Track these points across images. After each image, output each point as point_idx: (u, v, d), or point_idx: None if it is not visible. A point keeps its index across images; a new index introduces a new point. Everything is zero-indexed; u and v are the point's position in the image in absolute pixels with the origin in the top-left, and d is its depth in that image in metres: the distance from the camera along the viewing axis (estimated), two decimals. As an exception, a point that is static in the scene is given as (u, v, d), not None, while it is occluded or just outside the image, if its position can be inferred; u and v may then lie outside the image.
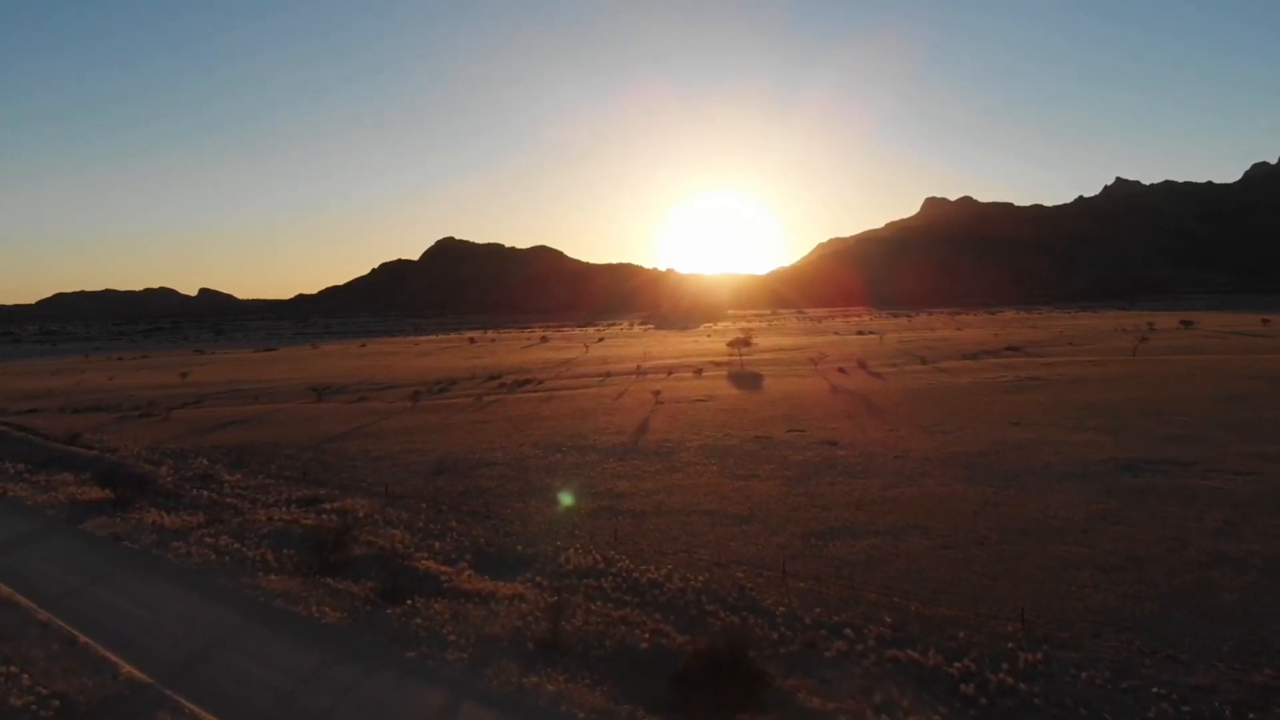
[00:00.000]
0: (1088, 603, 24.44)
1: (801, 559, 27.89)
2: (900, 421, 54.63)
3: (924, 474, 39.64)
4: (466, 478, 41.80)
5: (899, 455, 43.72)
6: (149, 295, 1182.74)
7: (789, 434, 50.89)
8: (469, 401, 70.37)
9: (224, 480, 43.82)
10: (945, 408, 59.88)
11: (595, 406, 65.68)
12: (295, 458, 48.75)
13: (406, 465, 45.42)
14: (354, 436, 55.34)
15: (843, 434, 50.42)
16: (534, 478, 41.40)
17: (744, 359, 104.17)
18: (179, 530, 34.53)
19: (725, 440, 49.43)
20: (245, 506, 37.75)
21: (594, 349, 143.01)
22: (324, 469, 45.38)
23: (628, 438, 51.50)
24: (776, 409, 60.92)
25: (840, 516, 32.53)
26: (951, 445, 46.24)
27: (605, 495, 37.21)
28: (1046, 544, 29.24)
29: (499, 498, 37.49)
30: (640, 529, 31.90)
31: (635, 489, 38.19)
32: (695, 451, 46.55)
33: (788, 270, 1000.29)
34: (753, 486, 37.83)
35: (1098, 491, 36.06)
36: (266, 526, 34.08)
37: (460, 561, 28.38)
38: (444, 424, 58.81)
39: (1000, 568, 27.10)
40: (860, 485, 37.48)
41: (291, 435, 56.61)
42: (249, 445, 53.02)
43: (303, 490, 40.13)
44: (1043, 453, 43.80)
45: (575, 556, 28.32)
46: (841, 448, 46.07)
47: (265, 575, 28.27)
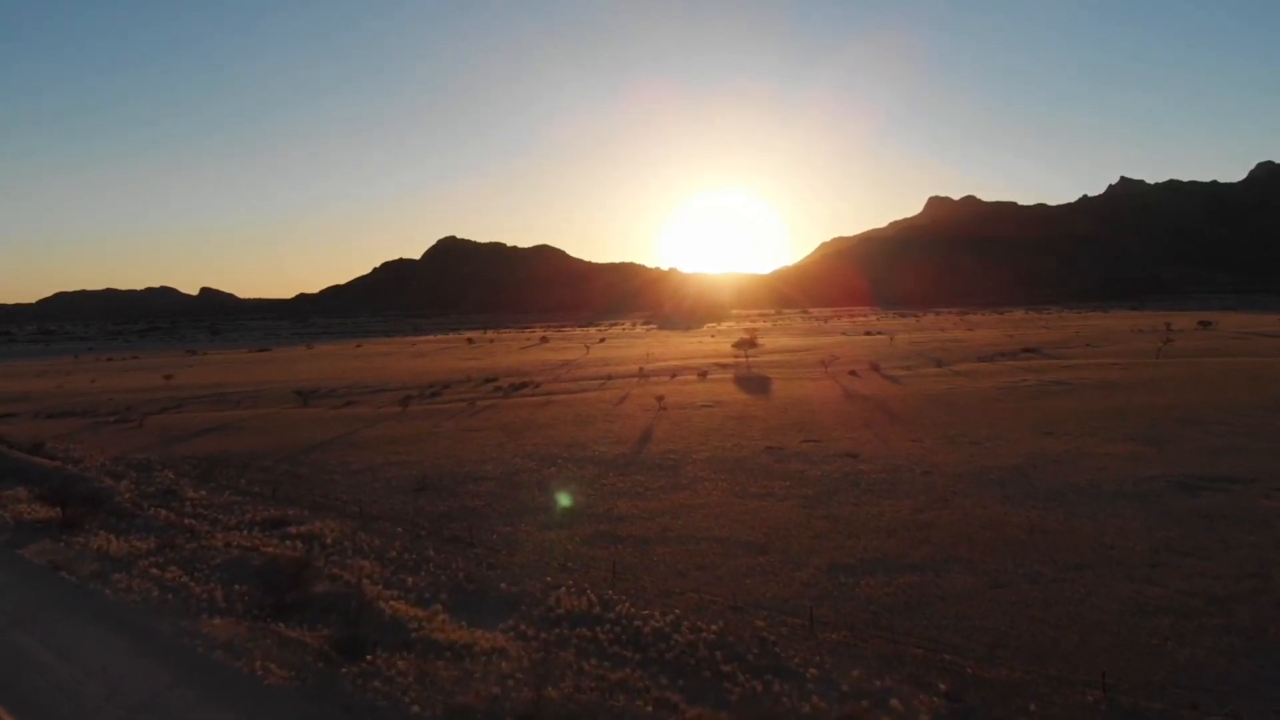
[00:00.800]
0: (1174, 660, 20.58)
1: (830, 601, 24.05)
2: (923, 430, 50.78)
3: (957, 492, 35.79)
4: (451, 495, 38.00)
5: (927, 470, 39.87)
6: (150, 295, 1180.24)
7: (804, 444, 47.04)
8: (462, 407, 66.58)
9: (187, 497, 40.05)
10: (968, 415, 56.02)
11: (595, 412, 61.88)
12: (269, 470, 44.98)
13: (387, 480, 41.62)
14: (335, 446, 51.57)
15: (862, 445, 46.55)
16: (526, 495, 37.58)
17: (750, 361, 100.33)
18: (125, 558, 30.77)
19: (735, 452, 45.60)
20: (203, 529, 33.98)
21: (595, 350, 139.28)
22: (297, 484, 41.60)
23: (629, 448, 47.69)
24: (788, 416, 57.08)
25: (870, 546, 28.69)
26: (982, 458, 42.38)
27: (604, 518, 33.39)
28: (1110, 581, 25.40)
29: (485, 520, 33.68)
30: (643, 560, 28.08)
31: (637, 510, 34.39)
32: (703, 464, 42.73)
33: (791, 270, 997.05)
34: (768, 508, 34.00)
35: (1156, 515, 32.20)
36: (222, 555, 30.30)
37: (434, 603, 24.53)
38: (432, 432, 55.03)
39: (1063, 613, 23.26)
40: (888, 507, 33.64)
41: (269, 444, 52.87)
42: (221, 456, 49.26)
43: (270, 510, 36.34)
44: (1083, 467, 39.92)
45: (567, 597, 24.46)
46: (863, 461, 42.22)
47: (210, 619, 24.46)
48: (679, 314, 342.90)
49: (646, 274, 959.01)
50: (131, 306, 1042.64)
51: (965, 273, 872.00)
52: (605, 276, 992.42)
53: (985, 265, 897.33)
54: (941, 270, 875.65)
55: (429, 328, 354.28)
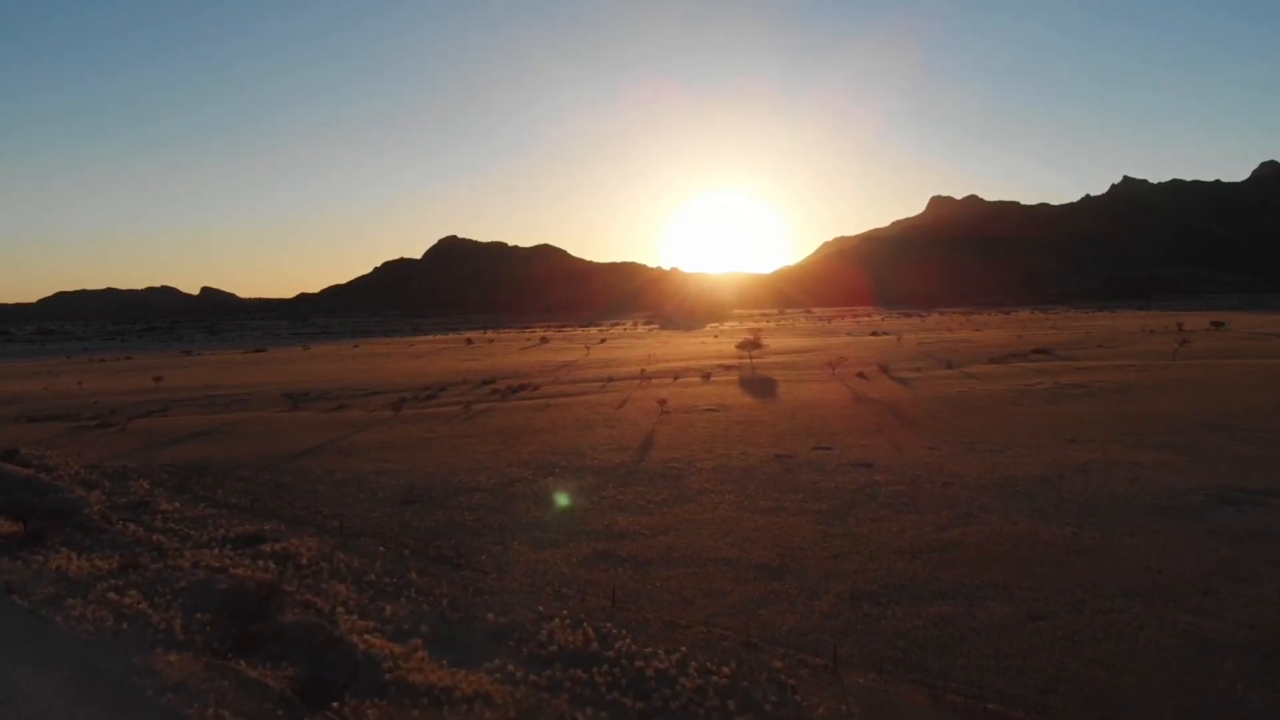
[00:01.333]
0: (1248, 709, 18.20)
1: (854, 636, 21.61)
2: (938, 436, 48.33)
3: (982, 506, 33.35)
4: (440, 508, 35.59)
5: (947, 481, 37.43)
6: (150, 294, 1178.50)
7: (815, 452, 44.59)
8: (457, 411, 64.17)
9: (160, 510, 37.65)
10: (985, 420, 53.56)
11: (595, 417, 59.47)
12: (250, 480, 42.59)
13: (374, 491, 39.22)
14: (322, 453, 49.19)
15: (876, 452, 44.11)
16: (520, 509, 35.16)
17: (754, 362, 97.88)
18: (84, 580, 28.38)
19: (742, 460, 43.15)
20: (172, 547, 31.59)
21: (595, 351, 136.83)
22: (278, 495, 39.21)
23: (630, 456, 45.27)
24: (796, 421, 54.64)
25: (893, 569, 26.26)
26: (1005, 467, 39.93)
27: (603, 534, 30.97)
28: (1164, 612, 22.97)
29: (475, 537, 31.26)
30: (645, 585, 25.65)
31: (639, 525, 31.97)
32: (708, 474, 40.31)
33: (793, 269, 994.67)
34: (780, 524, 31.57)
35: (1200, 533, 29.78)
36: (188, 577, 27.91)
37: (414, 636, 22.13)
38: (425, 438, 52.62)
39: (1115, 650, 20.84)
40: (910, 523, 31.20)
41: (253, 451, 50.48)
42: (202, 463, 46.88)
43: (246, 525, 33.95)
44: (1114, 478, 37.48)
45: (561, 631, 22.03)
46: (878, 471, 39.78)
47: (165, 654, 22.07)
48: (681, 314, 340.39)
49: (648, 274, 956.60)
50: (132, 306, 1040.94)
51: (967, 272, 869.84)
52: (606, 276, 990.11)
53: (987, 265, 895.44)
54: (944, 270, 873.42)
55: (429, 328, 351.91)
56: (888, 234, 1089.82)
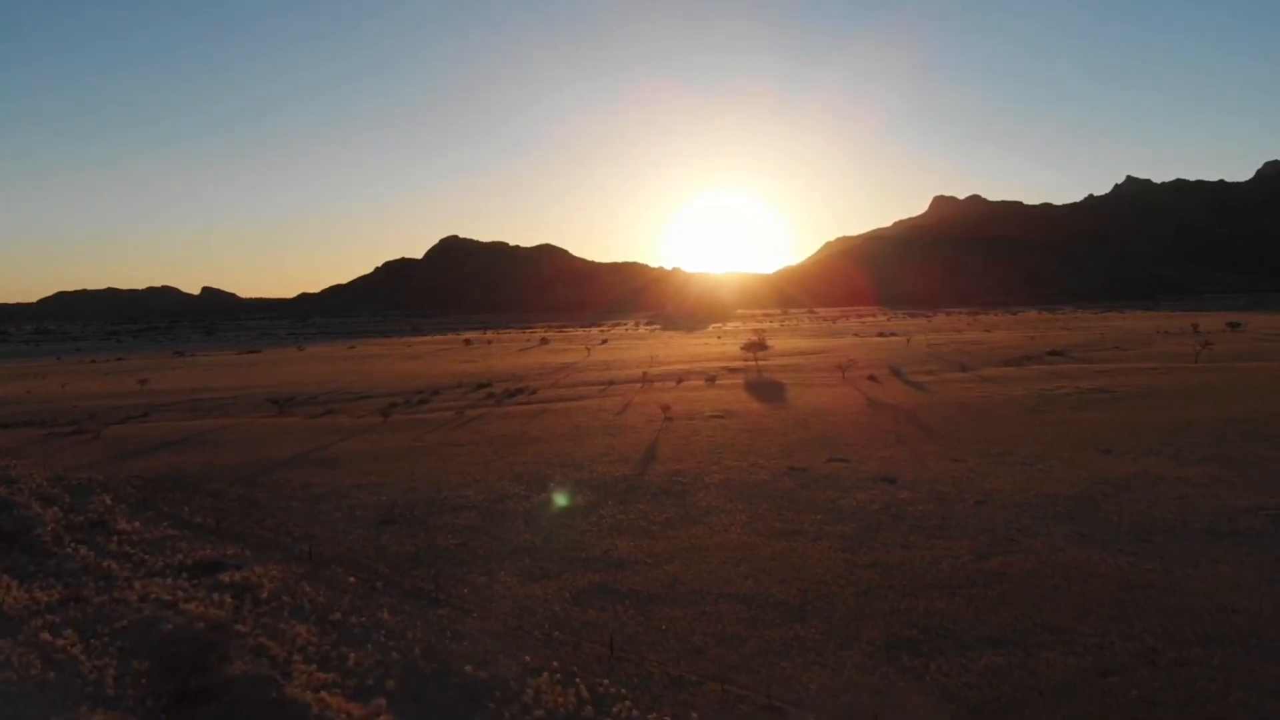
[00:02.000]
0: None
1: (896, 698, 18.29)
2: (962, 447, 45.12)
3: (1022, 530, 30.14)
4: (422, 529, 32.44)
5: (980, 499, 34.26)
6: (151, 294, 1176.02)
7: (831, 465, 41.41)
8: (449, 417, 61.05)
9: (117, 530, 34.51)
10: (1009, 428, 50.37)
11: (594, 424, 56.34)
12: (220, 495, 39.47)
13: (351, 508, 36.08)
14: (301, 463, 46.06)
15: (898, 465, 40.90)
16: (509, 531, 32.00)
17: (760, 364, 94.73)
18: (19, 615, 25.21)
19: (753, 474, 39.96)
20: (123, 575, 28.48)
21: (596, 352, 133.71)
22: (248, 513, 36.07)
23: (632, 468, 42.11)
24: (809, 429, 51.46)
25: (932, 609, 23.08)
26: (1039, 483, 36.74)
27: (601, 562, 27.81)
28: (1250, 662, 19.75)
29: (458, 565, 28.09)
30: (648, 628, 22.48)
31: (641, 552, 28.79)
32: (717, 490, 37.13)
33: (795, 269, 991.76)
34: (799, 550, 28.38)
35: (1270, 561, 26.54)
36: (132, 613, 24.78)
37: (377, 694, 18.95)
38: (412, 447, 49.49)
39: (1205, 715, 17.72)
40: (944, 550, 28.02)
41: (229, 461, 47.39)
42: (173, 475, 43.77)
43: (207, 548, 30.81)
44: (1161, 496, 34.27)
45: (550, 690, 18.79)
46: (903, 486, 36.61)
47: (91, 712, 19.00)
48: (683, 314, 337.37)
49: (650, 274, 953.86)
50: (132, 306, 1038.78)
51: (970, 272, 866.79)
52: (608, 276, 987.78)
53: (990, 265, 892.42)
54: (946, 270, 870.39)
55: (428, 328, 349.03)
56: (890, 234, 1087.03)
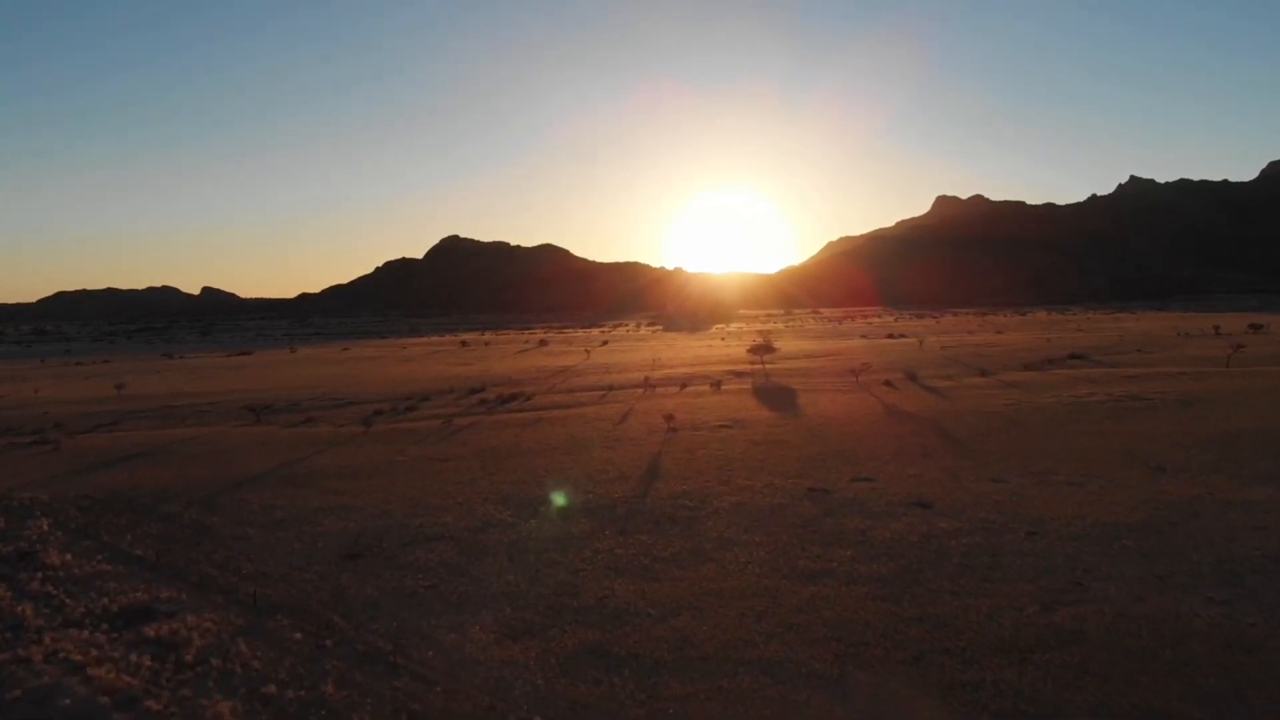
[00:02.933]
0: None
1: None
2: (998, 463, 40.80)
3: (1088, 570, 25.75)
4: (389, 566, 28.17)
5: (1031, 529, 29.94)
6: (151, 294, 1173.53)
7: (856, 485, 37.11)
8: (436, 426, 56.81)
9: (46, 563, 30.22)
10: (1044, 441, 46.04)
11: (592, 434, 52.10)
12: (173, 519, 35.21)
13: (314, 538, 31.83)
14: (268, 481, 41.82)
15: (930, 486, 36.60)
16: (489, 569, 27.67)
17: (767, 368, 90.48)
18: (-106, 679, 21.15)
19: (768, 495, 35.67)
20: (35, 624, 24.21)
21: (596, 354, 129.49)
22: (197, 542, 31.83)
23: (633, 487, 37.82)
24: (826, 442, 47.15)
25: (1001, 682, 18.69)
26: (1094, 508, 32.41)
27: (595, 614, 23.47)
28: None
29: (425, 616, 23.73)
30: (651, 712, 18.13)
31: (643, 599, 24.45)
32: (729, 516, 32.84)
33: (797, 269, 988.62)
34: (831, 598, 24.01)
35: (1400, 615, 22.37)
36: (30, 679, 20.52)
37: (302, 814, 14.91)
38: (392, 462, 45.24)
39: None
40: (1002, 598, 23.68)
41: (192, 477, 43.16)
42: (126, 494, 39.52)
43: (140, 590, 26.54)
44: (1235, 525, 29.88)
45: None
46: (940, 513, 32.31)
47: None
48: (684, 315, 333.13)
49: (651, 273, 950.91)
50: (132, 306, 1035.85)
51: (974, 272, 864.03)
52: (609, 276, 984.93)
53: (994, 265, 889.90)
54: (950, 270, 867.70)
55: (427, 328, 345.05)
56: (893, 234, 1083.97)
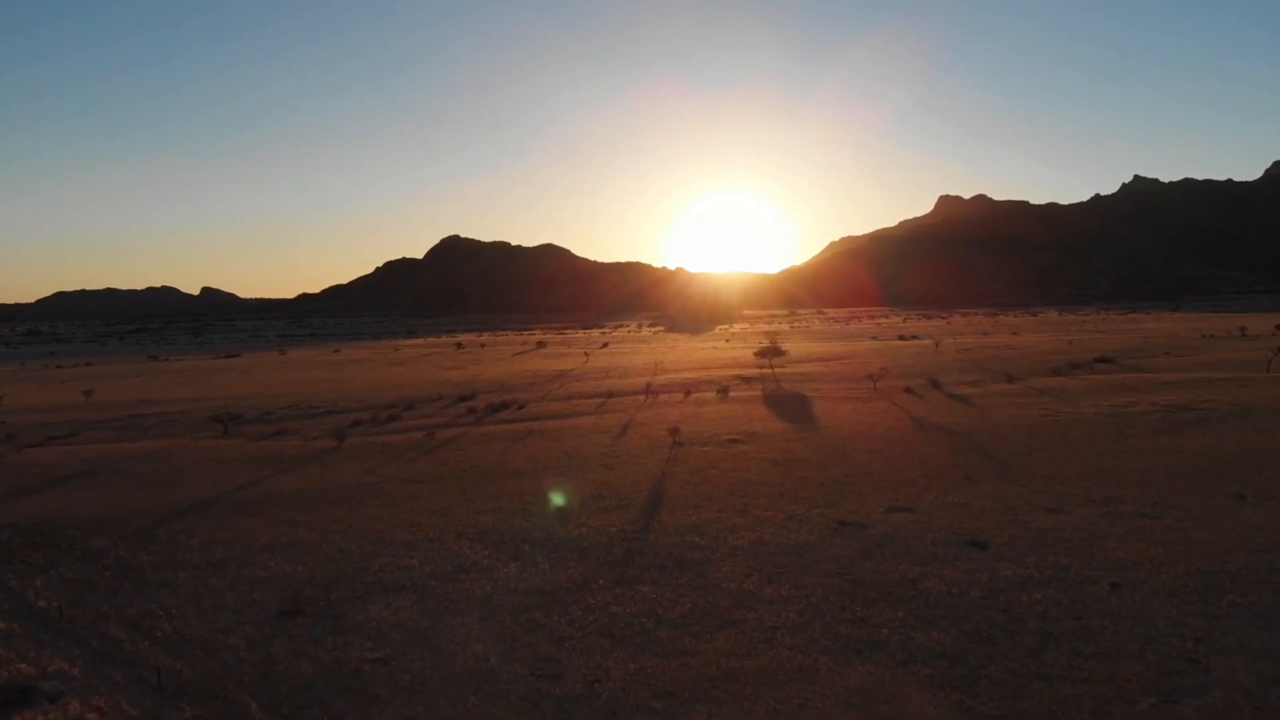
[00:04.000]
0: None
1: None
2: (1051, 488, 35.60)
3: (1201, 639, 20.35)
4: (333, 630, 23.02)
5: (1114, 578, 24.77)
6: (150, 294, 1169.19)
7: (893, 517, 31.97)
8: (416, 440, 51.74)
9: (-77, 619, 25.39)
10: (1098, 460, 40.85)
11: (588, 450, 47.01)
12: (98, 557, 30.16)
13: (253, 585, 26.73)
14: (218, 507, 36.77)
15: (981, 519, 31.44)
16: (456, 635, 22.34)
17: (776, 372, 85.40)
18: None
19: (793, 530, 30.51)
20: (-126, 712, 19.40)
21: (596, 357, 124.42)
22: (116, 590, 26.75)
23: (632, 520, 32.67)
24: (851, 461, 41.98)
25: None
26: (1180, 550, 27.17)
27: (582, 707, 17.90)
28: None
29: (365, 707, 18.14)
30: None
31: (644, 684, 18.91)
32: (748, 559, 27.65)
33: (799, 269, 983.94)
34: (884, 683, 18.60)
35: None
36: None
37: None
38: (360, 485, 40.14)
39: None
40: (1104, 682, 18.29)
41: (134, 502, 38.12)
42: (53, 525, 34.44)
43: (22, 662, 21.36)
44: (1359, 571, 24.93)
45: None
46: (1000, 555, 27.16)
47: None
48: (687, 315, 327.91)
49: (653, 273, 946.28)
50: (132, 306, 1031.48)
51: (977, 272, 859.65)
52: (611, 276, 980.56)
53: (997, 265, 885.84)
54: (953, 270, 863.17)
55: (424, 329, 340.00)
56: (895, 233, 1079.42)
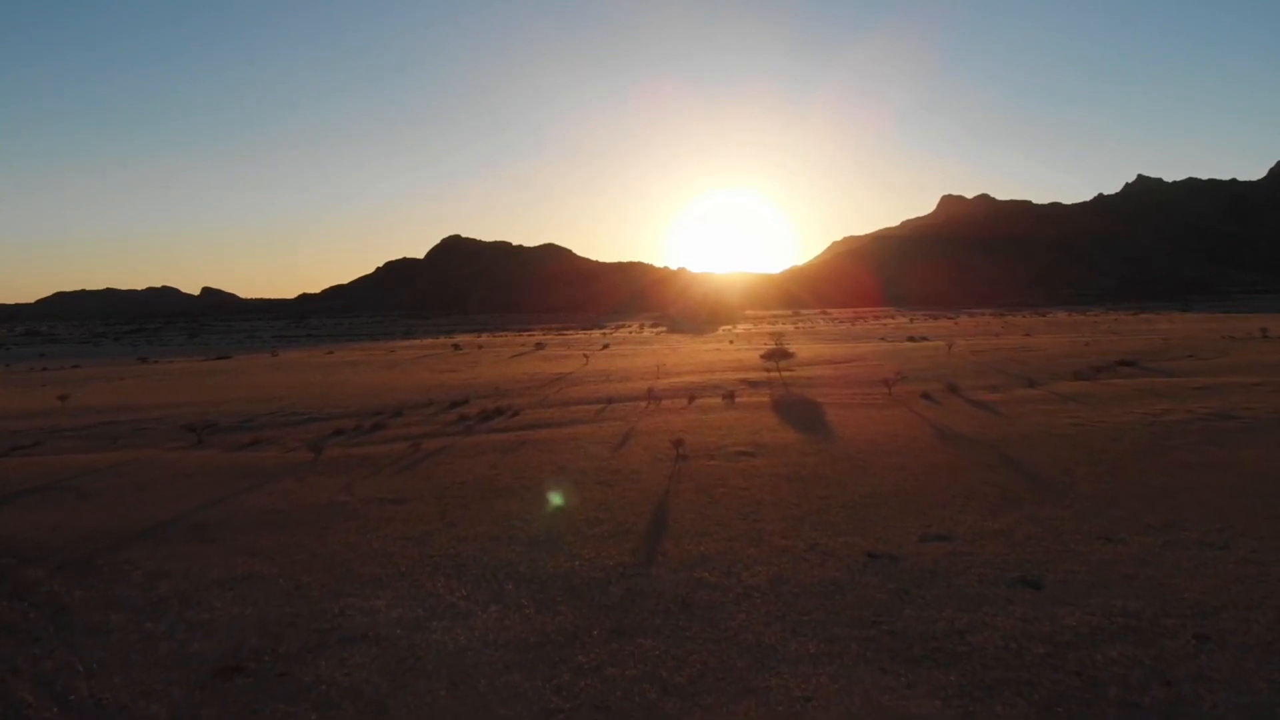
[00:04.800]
0: None
1: None
2: (1101, 511, 31.82)
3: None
4: (276, 696, 19.22)
5: (1197, 628, 20.93)
6: (150, 294, 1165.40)
7: (928, 546, 28.25)
8: (400, 451, 48.17)
9: None
10: (1144, 476, 37.00)
11: (584, 464, 43.39)
12: (29, 592, 26.48)
13: (193, 630, 23.07)
14: (173, 531, 33.19)
15: (1028, 548, 27.63)
16: (417, 708, 18.38)
17: (784, 375, 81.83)
18: None
19: (816, 564, 26.73)
20: None
21: (596, 359, 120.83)
22: (40, 636, 23.05)
23: (632, 550, 28.91)
24: (874, 477, 38.25)
25: None
26: (1260, 589, 22.84)
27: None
28: None
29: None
30: None
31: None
32: (765, 602, 23.85)
33: (802, 269, 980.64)
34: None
35: None
36: None
37: None
38: (332, 505, 36.50)
39: None
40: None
41: (81, 526, 34.52)
42: (-14, 551, 30.95)
43: (-106, 736, 18.10)
44: None
45: None
46: (1058, 598, 23.45)
47: None
48: (689, 316, 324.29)
49: (655, 273, 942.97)
50: (132, 306, 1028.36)
51: (980, 272, 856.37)
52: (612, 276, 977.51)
53: (1000, 264, 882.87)
54: (956, 269, 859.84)
55: (422, 330, 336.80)
56: (898, 233, 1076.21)
